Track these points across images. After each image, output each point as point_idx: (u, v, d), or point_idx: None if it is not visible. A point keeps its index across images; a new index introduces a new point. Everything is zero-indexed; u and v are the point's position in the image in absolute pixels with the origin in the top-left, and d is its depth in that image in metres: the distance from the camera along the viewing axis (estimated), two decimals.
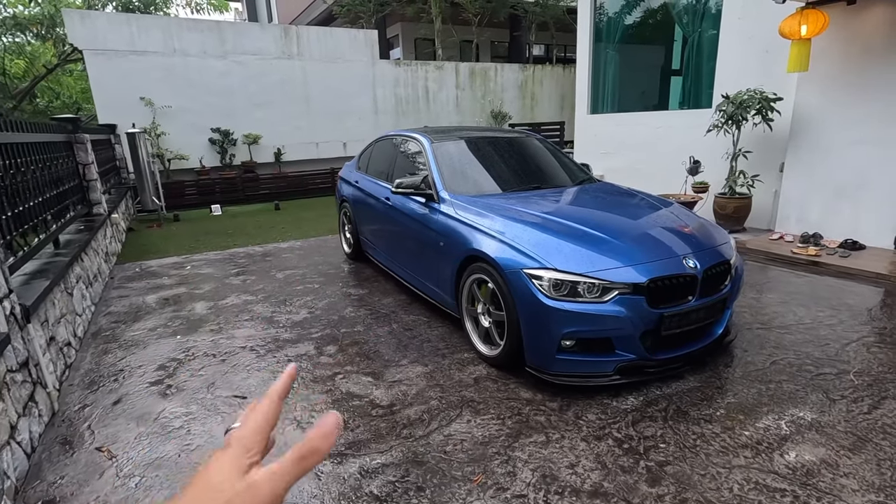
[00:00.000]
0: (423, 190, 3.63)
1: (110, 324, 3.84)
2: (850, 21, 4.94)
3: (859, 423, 2.34)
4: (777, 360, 2.96)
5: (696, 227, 3.09)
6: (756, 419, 2.39)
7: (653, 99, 8.22)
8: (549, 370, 2.63)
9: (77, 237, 4.21)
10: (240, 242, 6.46)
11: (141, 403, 2.70)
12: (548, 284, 2.53)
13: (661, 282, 2.56)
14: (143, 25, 8.84)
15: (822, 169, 5.36)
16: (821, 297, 3.96)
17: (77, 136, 5.19)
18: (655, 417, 2.43)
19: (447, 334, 3.44)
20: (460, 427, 2.40)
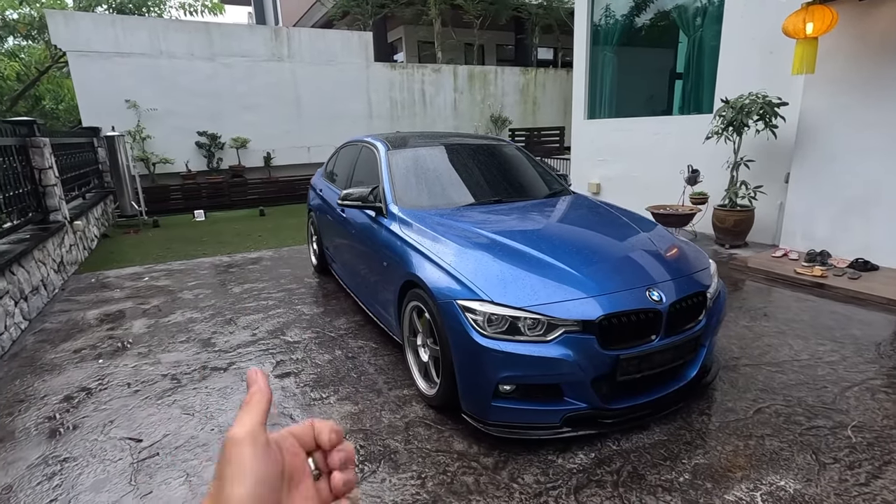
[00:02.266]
0: (370, 203, 3.28)
1: (35, 343, 3.55)
2: (861, 18, 4.48)
3: (853, 497, 1.92)
4: (763, 408, 2.53)
5: (670, 252, 2.68)
6: (726, 488, 1.98)
7: (652, 103, 7.78)
8: (485, 419, 2.25)
9: (12, 248, 3.94)
10: (210, 251, 6.18)
11: (24, 445, 2.38)
12: (482, 319, 2.16)
13: (616, 318, 2.16)
14: (129, 26, 8.67)
15: (830, 180, 4.88)
16: (823, 326, 3.51)
17: (32, 140, 4.95)
18: (604, 482, 2.03)
19: (391, 366, 3.07)
20: (370, 489, 2.03)
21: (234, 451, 0.36)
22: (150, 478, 2.12)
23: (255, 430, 0.37)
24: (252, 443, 0.37)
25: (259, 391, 0.40)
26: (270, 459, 0.37)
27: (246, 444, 0.36)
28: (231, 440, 0.37)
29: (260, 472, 0.36)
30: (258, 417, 0.38)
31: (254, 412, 0.39)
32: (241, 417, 0.38)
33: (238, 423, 0.38)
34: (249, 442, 0.37)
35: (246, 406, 0.39)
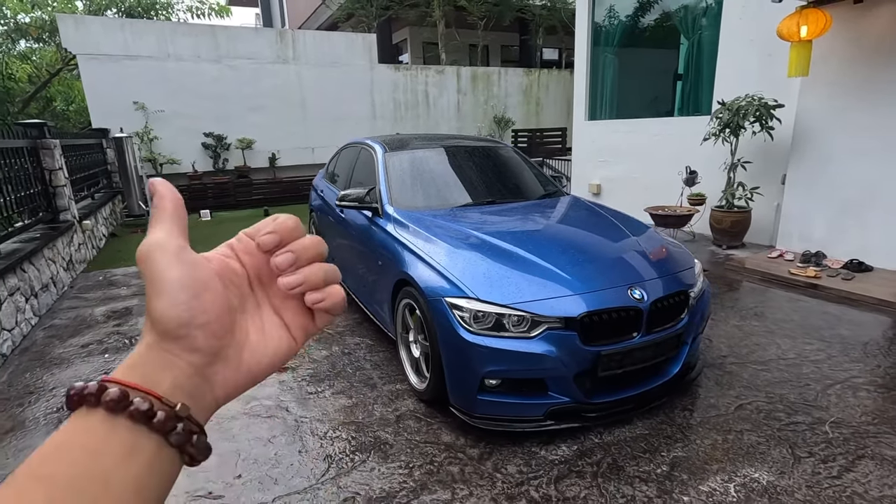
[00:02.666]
0: (367, 203, 3.37)
1: (46, 338, 3.68)
2: (856, 21, 4.51)
3: (823, 489, 1.98)
4: (744, 404, 2.60)
5: (655, 252, 2.75)
6: (701, 480, 2.05)
7: (652, 105, 7.82)
8: (472, 411, 2.34)
9: (24, 246, 4.08)
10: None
11: (34, 433, 2.50)
12: (468, 316, 2.24)
13: (598, 315, 2.24)
14: (137, 30, 8.84)
15: (826, 182, 4.92)
16: (812, 326, 3.56)
17: (43, 142, 5.10)
18: (584, 473, 2.11)
19: (385, 361, 3.17)
20: (359, 477, 2.12)
21: (145, 265, 0.33)
22: None
23: (162, 238, 0.34)
24: (161, 252, 0.34)
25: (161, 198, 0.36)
26: (188, 263, 0.34)
27: (156, 253, 0.33)
28: (141, 251, 0.34)
29: (177, 279, 0.33)
30: (168, 225, 0.35)
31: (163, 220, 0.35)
32: (151, 228, 0.35)
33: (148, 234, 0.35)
34: (159, 251, 0.34)
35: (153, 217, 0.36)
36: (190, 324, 0.33)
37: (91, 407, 0.30)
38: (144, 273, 0.33)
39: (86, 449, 0.29)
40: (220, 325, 0.35)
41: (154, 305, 0.33)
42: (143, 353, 0.33)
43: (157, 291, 0.33)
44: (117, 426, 0.30)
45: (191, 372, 0.34)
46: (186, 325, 0.33)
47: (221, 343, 0.35)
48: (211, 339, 0.34)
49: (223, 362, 0.36)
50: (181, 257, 0.34)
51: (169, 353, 0.33)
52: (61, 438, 0.30)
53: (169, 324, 0.33)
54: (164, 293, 0.33)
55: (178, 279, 0.33)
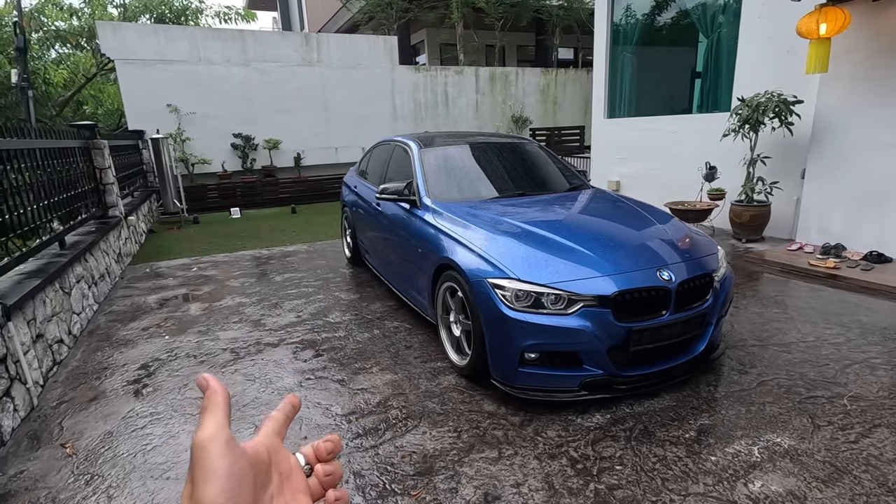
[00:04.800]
0: (406, 196, 3.61)
1: (108, 322, 3.99)
2: (875, 18, 4.63)
3: (841, 452, 2.16)
4: (766, 381, 2.77)
5: (680, 238, 2.94)
6: (727, 444, 2.24)
7: (670, 102, 7.95)
8: (512, 383, 2.55)
9: (84, 239, 4.40)
10: (249, 245, 6.62)
11: (115, 402, 2.78)
12: (510, 295, 2.46)
13: (630, 294, 2.44)
14: (171, 35, 9.22)
15: (845, 175, 5.03)
16: (832, 312, 3.70)
17: (94, 142, 5.44)
18: (618, 437, 2.31)
19: (425, 342, 3.40)
20: (413, 439, 2.35)
21: (200, 454, 0.37)
22: None
23: (217, 430, 0.38)
24: (216, 442, 0.38)
25: (214, 392, 0.40)
26: (237, 455, 0.38)
27: (210, 445, 0.37)
28: (197, 444, 0.37)
29: (227, 469, 0.37)
30: (219, 418, 0.39)
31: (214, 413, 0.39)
32: (203, 421, 0.39)
33: (201, 426, 0.38)
34: (213, 442, 0.37)
35: (205, 410, 0.40)
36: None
37: None
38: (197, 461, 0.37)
39: None
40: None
41: (205, 491, 0.36)
42: None
43: (207, 478, 0.36)
44: None
45: None
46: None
47: None
48: None
49: None
50: (231, 448, 0.38)
51: None
52: None
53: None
54: (214, 480, 0.36)
55: (227, 468, 0.37)
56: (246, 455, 0.40)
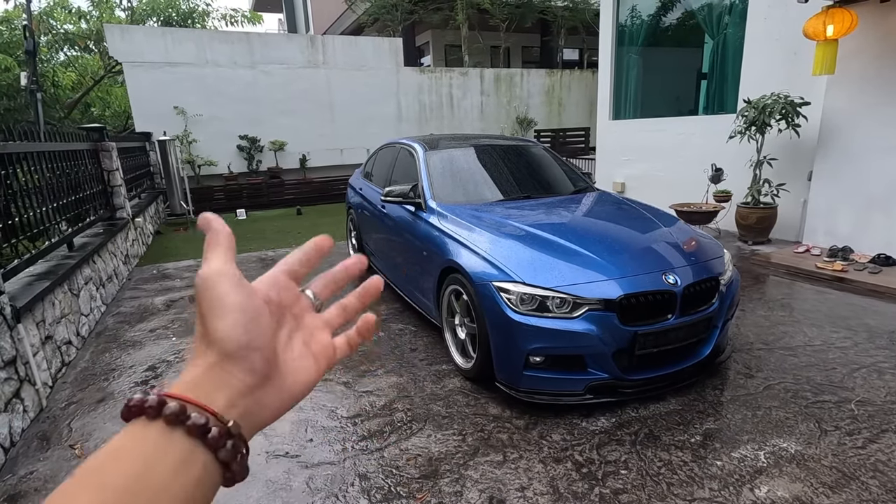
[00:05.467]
0: (411, 198, 3.62)
1: (116, 324, 4.02)
2: (883, 19, 4.60)
3: (849, 457, 2.15)
4: (772, 385, 2.76)
5: (686, 241, 2.93)
6: (733, 448, 2.23)
7: (676, 104, 7.93)
8: (517, 386, 2.55)
9: (92, 240, 4.44)
10: (254, 247, 6.65)
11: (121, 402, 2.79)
12: (515, 298, 2.46)
13: (635, 298, 2.44)
14: (178, 38, 9.29)
15: (853, 177, 4.99)
16: (839, 316, 3.68)
17: (102, 145, 5.49)
18: (623, 441, 2.31)
19: (430, 345, 3.41)
20: (419, 442, 2.36)
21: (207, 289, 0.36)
22: None
23: (223, 266, 0.37)
24: (223, 277, 0.36)
25: (217, 232, 0.39)
26: (246, 290, 0.37)
27: (218, 279, 0.36)
28: (202, 278, 0.36)
29: (238, 303, 0.36)
30: (224, 255, 0.38)
31: (218, 251, 0.38)
32: (208, 258, 0.38)
33: (206, 263, 0.37)
34: (220, 277, 0.36)
35: (208, 248, 0.38)
36: (249, 345, 0.35)
37: (150, 419, 0.31)
38: (205, 297, 0.35)
39: (142, 457, 0.30)
40: (271, 350, 0.38)
41: (217, 326, 0.35)
42: (200, 373, 0.34)
43: (219, 314, 0.35)
44: (174, 438, 0.31)
45: (245, 392, 0.35)
46: (246, 346, 0.35)
47: (271, 366, 0.37)
48: (265, 362, 0.36)
49: (271, 384, 0.37)
50: (241, 284, 0.37)
51: (227, 373, 0.34)
52: (119, 444, 0.31)
53: (230, 344, 0.34)
54: (227, 315, 0.35)
55: (239, 303, 0.35)
56: (257, 294, 0.38)
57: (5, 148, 3.11)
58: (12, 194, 3.17)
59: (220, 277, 0.36)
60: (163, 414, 0.31)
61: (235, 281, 0.37)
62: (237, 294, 0.36)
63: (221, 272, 0.37)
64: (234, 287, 0.36)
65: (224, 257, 0.38)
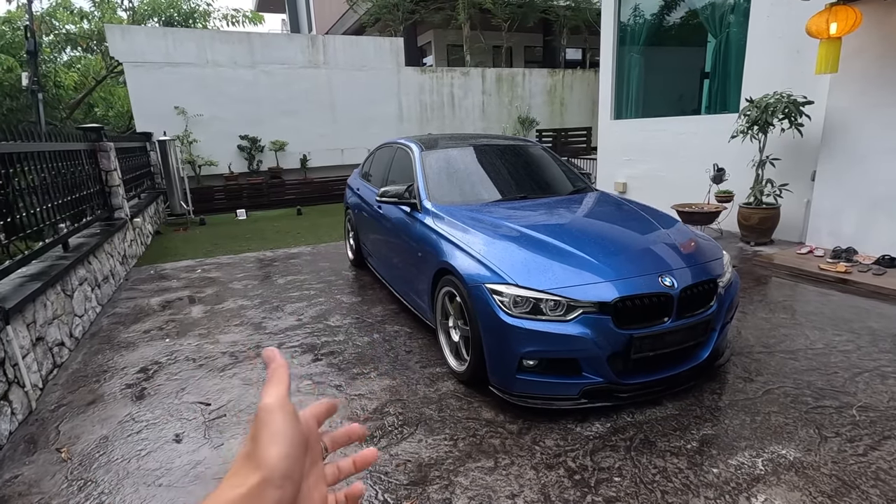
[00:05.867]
0: (406, 199, 3.58)
1: (110, 325, 4.00)
2: (887, 17, 4.52)
3: (849, 465, 2.09)
4: (772, 389, 2.70)
5: (684, 242, 2.88)
6: (730, 455, 2.18)
7: (678, 103, 7.86)
8: (510, 390, 2.51)
9: (88, 241, 4.42)
10: (254, 247, 6.63)
11: (112, 406, 2.77)
12: (508, 301, 2.42)
13: (631, 301, 2.39)
14: (179, 38, 9.29)
15: (857, 178, 4.92)
16: (842, 318, 3.61)
17: (100, 145, 5.48)
18: (618, 447, 2.26)
19: (425, 347, 3.36)
20: (409, 447, 2.31)
21: (268, 417, 0.39)
22: (221, 433, 2.47)
23: (284, 398, 0.41)
24: (283, 409, 0.40)
25: (280, 366, 0.43)
26: (298, 426, 0.41)
27: (279, 411, 0.39)
28: (266, 407, 0.39)
29: (291, 435, 0.39)
30: (284, 388, 0.41)
31: (280, 384, 0.41)
32: (270, 389, 0.41)
33: (268, 394, 0.41)
34: (281, 408, 0.40)
35: (271, 380, 0.42)
36: (290, 477, 0.38)
37: None
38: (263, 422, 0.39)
39: None
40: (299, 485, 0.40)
41: (271, 452, 0.37)
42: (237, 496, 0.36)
43: (274, 442, 0.38)
44: None
45: None
46: (288, 477, 0.38)
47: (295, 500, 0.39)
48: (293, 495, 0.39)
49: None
50: (295, 418, 0.40)
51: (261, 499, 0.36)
52: None
53: (277, 472, 0.37)
54: (280, 444, 0.38)
55: (292, 436, 0.39)
56: (304, 430, 0.42)
57: None
58: (5, 195, 3.15)
59: (281, 409, 0.40)
60: None
61: (291, 415, 0.40)
62: (293, 427, 0.40)
63: (283, 405, 0.40)
64: (293, 420, 0.40)
65: (285, 392, 0.42)
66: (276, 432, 0.39)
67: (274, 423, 0.39)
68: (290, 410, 0.40)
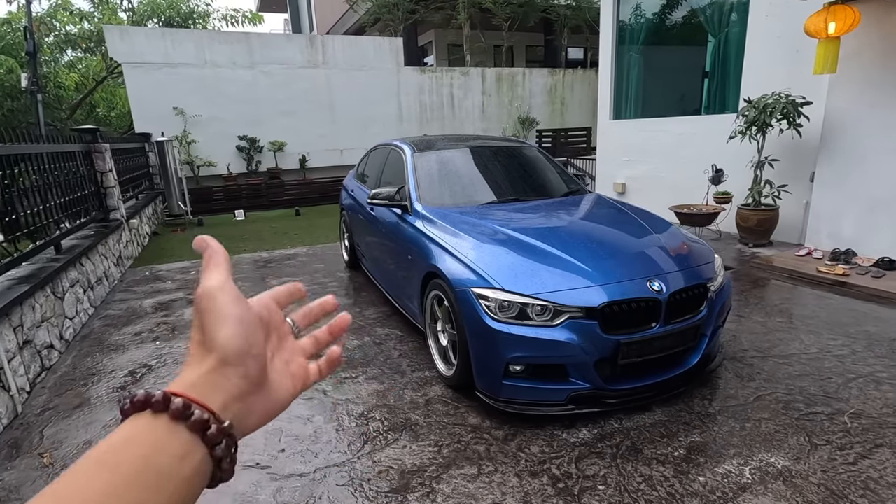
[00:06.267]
0: (397, 201, 3.56)
1: (102, 327, 3.99)
2: (887, 17, 4.46)
3: (838, 474, 2.05)
4: (763, 395, 2.66)
5: (675, 246, 2.84)
6: (717, 463, 2.14)
7: (677, 103, 7.80)
8: (496, 396, 2.48)
9: (81, 242, 4.42)
10: (250, 248, 6.62)
11: (98, 410, 2.76)
12: (494, 305, 2.39)
13: (618, 306, 2.36)
14: (177, 39, 9.29)
15: (856, 179, 4.86)
16: (838, 322, 3.57)
17: (96, 146, 5.48)
18: (604, 454, 2.23)
19: (414, 351, 3.34)
20: (393, 453, 2.29)
21: (209, 301, 0.39)
22: None
23: (224, 281, 0.40)
24: (224, 291, 0.39)
25: (215, 252, 0.42)
26: (245, 304, 0.40)
27: (219, 293, 0.39)
28: (205, 291, 0.39)
29: (238, 314, 0.39)
30: (223, 272, 0.41)
31: (217, 268, 0.41)
32: (208, 274, 0.40)
33: (207, 278, 0.40)
34: (221, 291, 0.39)
35: (208, 266, 0.41)
36: (247, 353, 0.39)
37: (156, 412, 0.34)
38: (206, 308, 0.39)
39: (151, 444, 0.33)
40: (264, 359, 0.41)
41: (218, 334, 0.38)
42: (198, 376, 0.37)
43: (220, 324, 0.38)
44: (177, 431, 0.34)
45: (238, 396, 0.38)
46: (244, 354, 0.38)
47: (263, 374, 0.41)
48: (259, 369, 0.40)
49: (261, 391, 0.41)
50: (240, 298, 0.40)
51: (224, 377, 0.37)
52: (129, 433, 0.34)
53: (230, 350, 0.38)
54: (228, 325, 0.38)
55: (239, 315, 0.39)
56: (252, 309, 0.42)
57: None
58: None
59: (221, 291, 0.39)
60: (169, 409, 0.34)
61: (235, 295, 0.40)
62: (237, 306, 0.39)
63: (222, 287, 0.40)
64: (234, 300, 0.39)
65: (224, 273, 0.41)
66: (222, 313, 0.38)
67: (217, 306, 0.38)
68: (231, 290, 0.40)
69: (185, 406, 0.35)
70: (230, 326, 0.38)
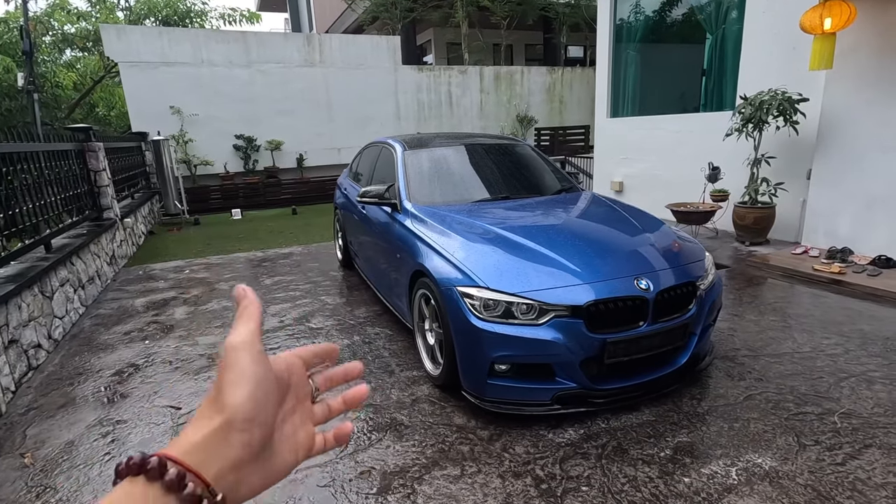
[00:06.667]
0: (387, 199, 3.53)
1: (92, 326, 3.98)
2: (883, 13, 4.42)
3: (826, 475, 2.02)
4: (753, 395, 2.63)
5: (665, 245, 2.81)
6: (703, 464, 2.11)
7: (674, 101, 7.76)
8: (482, 395, 2.45)
9: (72, 241, 4.40)
10: (245, 247, 6.61)
11: (83, 409, 2.74)
12: (479, 304, 2.36)
13: (604, 304, 2.33)
14: (174, 38, 9.28)
15: (853, 177, 4.82)
16: (832, 321, 3.53)
17: (89, 145, 5.46)
18: (589, 455, 2.20)
19: (404, 350, 3.31)
20: (376, 454, 2.27)
21: (232, 357, 0.38)
22: None
23: (251, 338, 0.39)
24: (249, 349, 0.38)
25: (250, 304, 0.41)
26: (266, 365, 0.39)
27: (243, 350, 0.38)
28: (230, 346, 0.38)
29: (257, 376, 0.38)
30: (253, 327, 0.40)
31: (248, 323, 0.40)
32: (237, 328, 0.39)
33: (235, 332, 0.39)
34: (247, 348, 0.38)
35: (240, 318, 0.40)
36: (254, 420, 0.37)
37: (150, 480, 0.34)
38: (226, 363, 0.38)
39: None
40: (270, 429, 0.40)
41: (233, 394, 0.37)
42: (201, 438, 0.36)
43: (235, 385, 0.37)
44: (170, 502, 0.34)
45: (235, 466, 0.37)
46: (251, 420, 0.37)
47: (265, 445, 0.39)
48: (262, 439, 0.38)
49: (259, 461, 0.39)
50: (262, 358, 0.39)
51: (226, 442, 0.36)
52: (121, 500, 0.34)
53: (238, 416, 0.36)
54: (242, 387, 0.37)
55: (257, 377, 0.38)
56: (273, 370, 0.40)
57: None
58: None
59: (246, 349, 0.38)
60: (163, 479, 0.34)
61: (258, 355, 0.39)
62: (259, 366, 0.38)
63: (249, 344, 0.39)
64: (255, 360, 0.39)
65: (253, 329, 0.40)
66: (240, 373, 0.37)
67: (239, 364, 0.37)
68: (258, 350, 0.39)
69: (179, 477, 0.34)
70: (244, 388, 0.37)
